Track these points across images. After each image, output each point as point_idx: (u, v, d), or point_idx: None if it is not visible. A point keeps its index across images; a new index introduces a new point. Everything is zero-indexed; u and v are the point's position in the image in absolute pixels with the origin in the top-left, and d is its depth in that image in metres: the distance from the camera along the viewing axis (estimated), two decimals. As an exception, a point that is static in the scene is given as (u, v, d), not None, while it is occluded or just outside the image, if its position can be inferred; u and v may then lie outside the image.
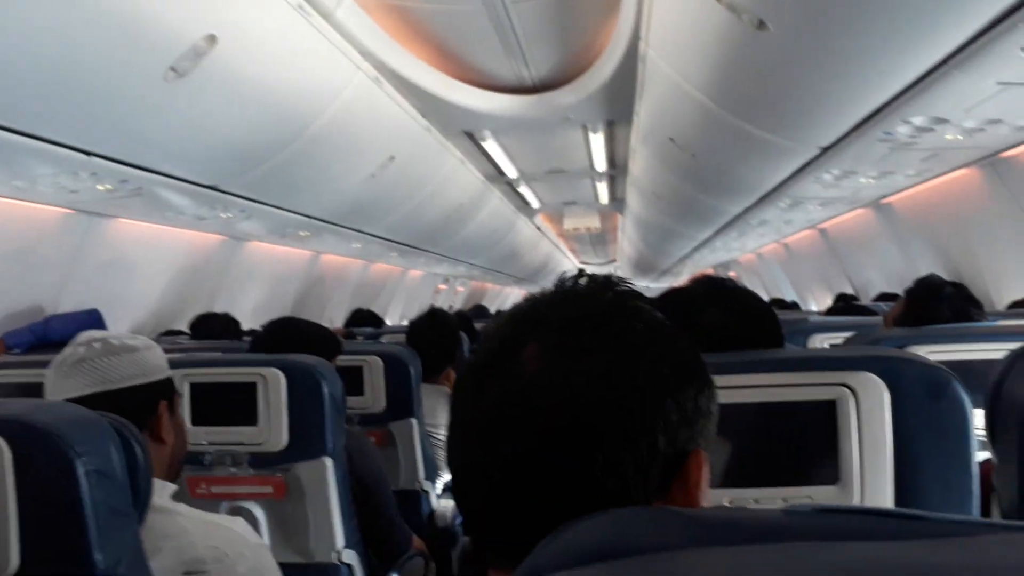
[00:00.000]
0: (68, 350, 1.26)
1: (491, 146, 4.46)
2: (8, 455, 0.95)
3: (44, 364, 1.59)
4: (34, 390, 1.65)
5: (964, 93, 1.80)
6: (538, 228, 8.48)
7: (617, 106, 3.57)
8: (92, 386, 1.22)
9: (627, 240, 8.92)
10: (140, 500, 1.10)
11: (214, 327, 2.97)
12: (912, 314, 1.81)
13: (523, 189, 6.13)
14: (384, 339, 3.28)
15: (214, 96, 2.16)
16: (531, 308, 0.56)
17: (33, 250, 2.86)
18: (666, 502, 0.50)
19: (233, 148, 2.57)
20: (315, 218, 3.87)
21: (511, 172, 5.33)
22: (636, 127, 3.64)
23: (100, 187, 2.52)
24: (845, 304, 3.39)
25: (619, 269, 13.12)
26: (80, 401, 1.19)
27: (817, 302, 5.69)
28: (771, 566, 0.27)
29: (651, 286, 12.54)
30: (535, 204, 6.90)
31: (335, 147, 2.96)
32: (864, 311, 2.89)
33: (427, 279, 8.61)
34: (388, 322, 6.28)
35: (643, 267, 10.81)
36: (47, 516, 0.98)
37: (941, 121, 2.04)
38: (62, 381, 1.23)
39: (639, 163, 4.41)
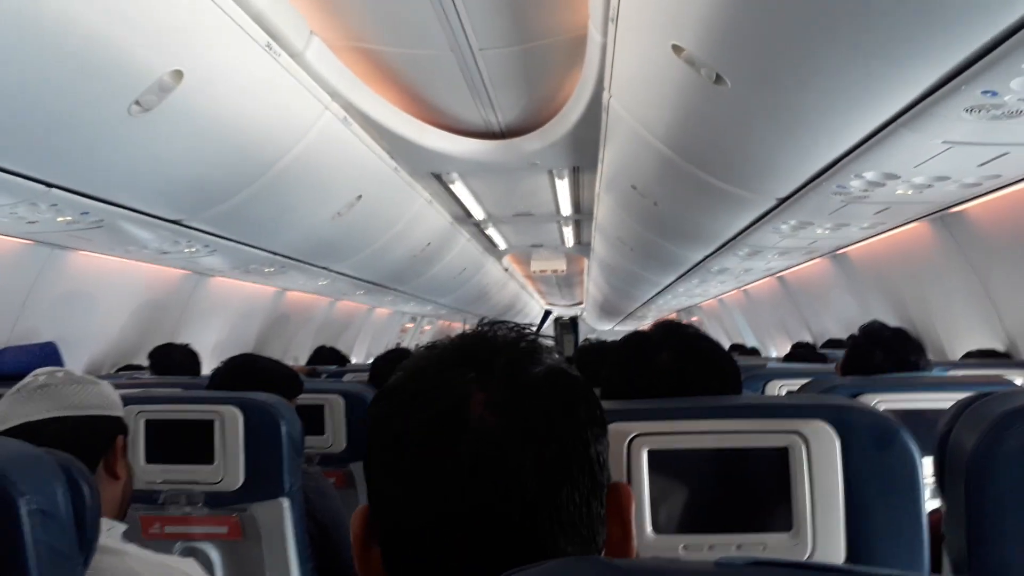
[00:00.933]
0: (28, 379, 1.25)
1: (459, 188, 4.50)
2: (-51, 493, 0.92)
3: (-7, 397, 1.56)
4: (-20, 425, 1.60)
5: (912, 150, 1.87)
6: (506, 269, 8.52)
7: (582, 153, 3.65)
8: (53, 410, 1.20)
9: (593, 283, 9.00)
10: (87, 541, 1.08)
11: (174, 357, 2.92)
12: (853, 361, 1.85)
13: (491, 231, 6.17)
14: (348, 377, 3.25)
15: (179, 131, 2.16)
16: (467, 355, 0.56)
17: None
18: (607, 537, 0.54)
19: (198, 183, 2.56)
20: (280, 254, 3.86)
21: (479, 214, 5.37)
22: (600, 174, 3.72)
23: (60, 219, 2.49)
24: (804, 350, 3.46)
25: (585, 311, 13.19)
26: (37, 424, 1.17)
27: (777, 348, 5.79)
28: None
29: (616, 329, 12.62)
30: (503, 246, 6.95)
31: (302, 185, 2.96)
32: (822, 358, 2.95)
33: (393, 317, 8.57)
34: (354, 360, 6.24)
35: (608, 310, 10.90)
36: (-12, 557, 0.95)
37: (892, 176, 2.12)
38: (19, 406, 1.21)
39: (604, 209, 4.48)
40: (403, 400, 0.55)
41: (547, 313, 14.65)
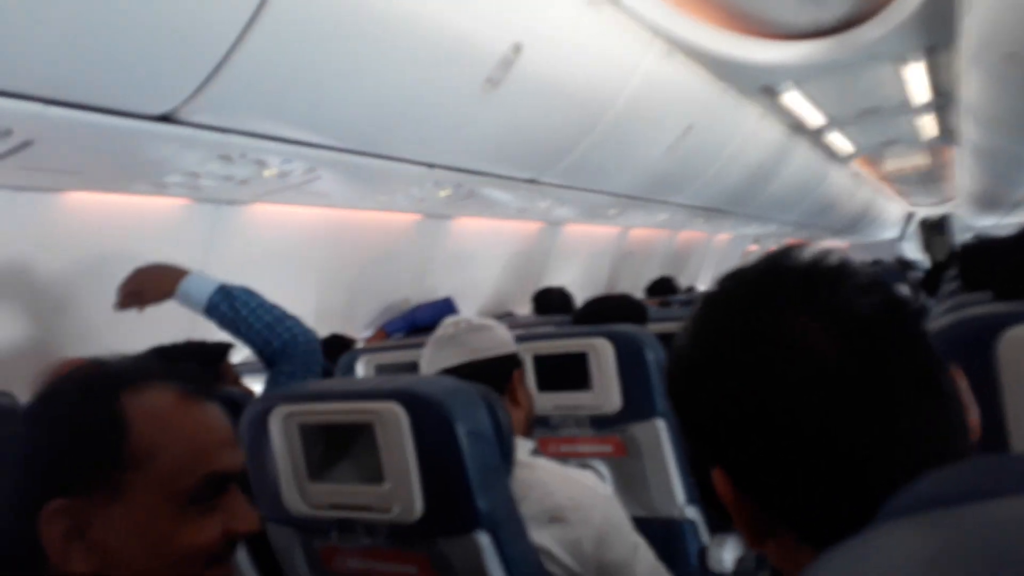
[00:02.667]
0: (440, 330, 1.52)
1: (792, 98, 4.22)
2: (407, 421, 1.19)
3: (416, 346, 1.92)
4: (411, 368, 1.99)
5: None
6: (854, 175, 7.78)
7: (934, 30, 3.17)
8: (461, 356, 1.45)
9: (967, 174, 7.79)
10: (506, 456, 1.30)
11: (552, 298, 3.35)
12: None
13: (832, 136, 5.68)
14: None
15: (525, 99, 2.39)
16: (793, 280, 0.54)
17: (396, 252, 3.40)
18: None
19: (545, 143, 2.81)
20: (621, 195, 4.03)
21: (816, 120, 4.97)
22: (962, 49, 3.20)
23: (441, 193, 2.92)
24: None
25: (958, 207, 11.47)
26: (452, 370, 1.44)
27: None
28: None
29: (1003, 223, 10.78)
30: (847, 150, 6.36)
31: (634, 125, 3.07)
32: None
33: (735, 241, 8.38)
34: (701, 287, 6.30)
35: (988, 203, 9.33)
36: (437, 471, 1.21)
37: None
38: (438, 353, 1.48)
39: (971, 88, 3.85)
40: (737, 339, 0.54)
41: (910, 215, 13.05)
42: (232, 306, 1.67)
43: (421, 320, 3.09)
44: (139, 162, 1.83)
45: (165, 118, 1.56)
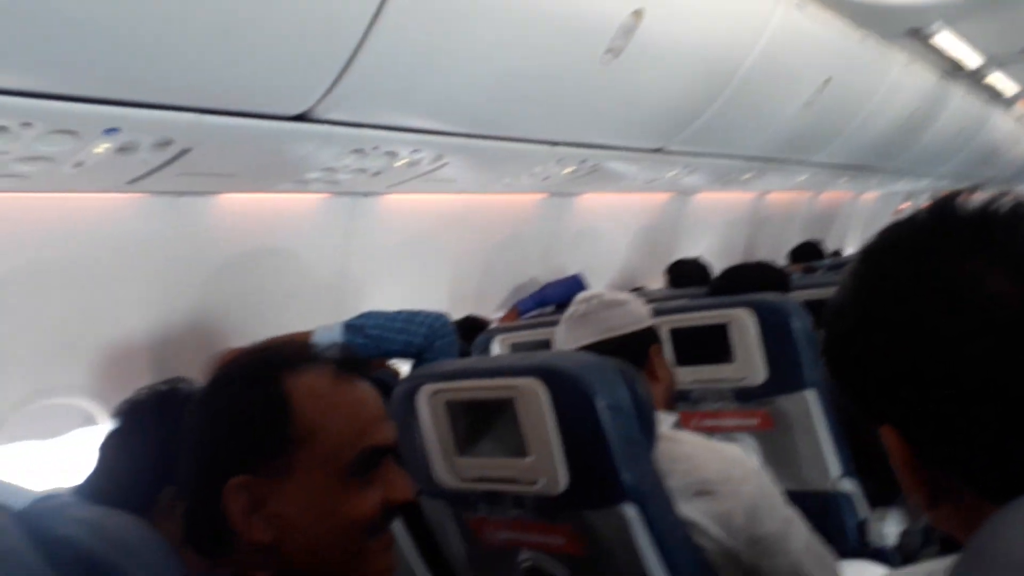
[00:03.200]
0: (572, 308, 1.52)
1: (944, 38, 3.87)
2: (547, 396, 1.21)
3: (549, 324, 1.93)
4: (544, 346, 2.01)
5: None
6: (1020, 118, 7.06)
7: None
8: (596, 335, 1.45)
9: None
10: (647, 429, 1.29)
11: (687, 270, 3.27)
12: None
13: (993, 77, 5.16)
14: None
15: (647, 66, 2.32)
16: (965, 224, 0.51)
17: (523, 233, 3.44)
18: None
19: (670, 110, 2.73)
20: (755, 158, 3.87)
21: (973, 61, 4.54)
22: None
23: (564, 170, 2.91)
24: None
25: None
26: (588, 348, 1.44)
27: None
28: None
29: None
30: (1011, 91, 5.76)
31: (766, 84, 2.92)
32: None
33: (884, 199, 7.84)
34: (850, 251, 5.94)
35: None
36: (579, 444, 1.21)
37: None
38: (571, 332, 1.49)
39: None
40: (910, 289, 0.52)
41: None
42: (364, 335, 1.81)
43: (551, 298, 3.12)
44: (281, 161, 1.94)
45: (301, 117, 1.64)
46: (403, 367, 2.14)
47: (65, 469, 2.03)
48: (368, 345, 1.81)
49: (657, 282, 4.06)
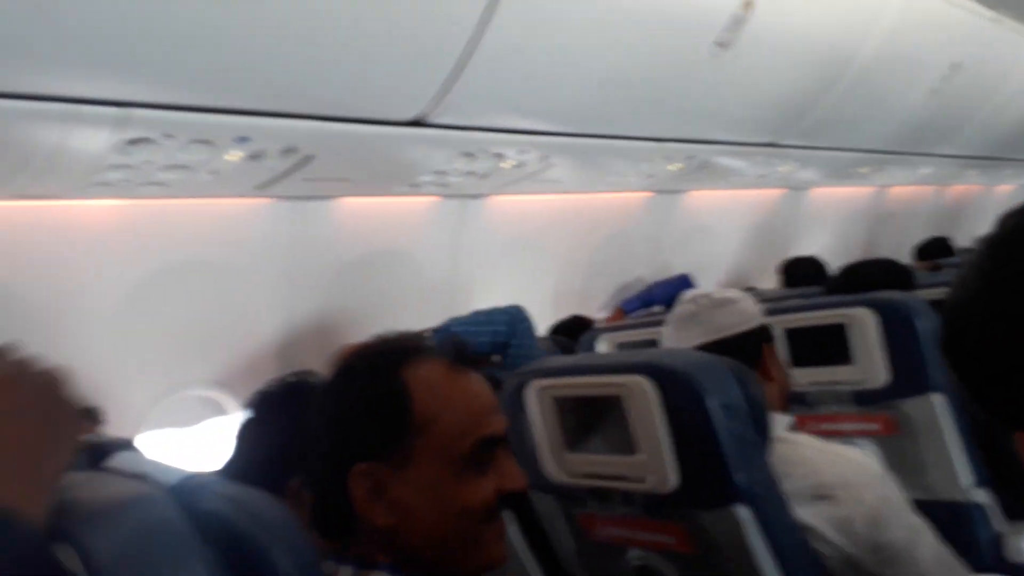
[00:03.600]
0: (679, 308, 1.49)
1: (1089, 14, 3.56)
2: (656, 394, 1.20)
3: (655, 323, 1.92)
4: (650, 345, 1.99)
5: None
6: None
7: None
8: (704, 335, 1.42)
9: None
10: (761, 430, 1.26)
11: (802, 268, 3.17)
12: None
13: None
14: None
15: (758, 58, 2.26)
16: None
17: (628, 232, 3.41)
18: None
19: (783, 102, 2.65)
20: (874, 151, 3.68)
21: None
22: None
23: (671, 167, 2.87)
24: None
25: None
26: (697, 350, 1.41)
27: None
28: None
29: None
30: None
31: (885, 71, 2.78)
32: None
33: (1021, 193, 7.28)
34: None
35: None
36: (690, 443, 1.20)
37: None
38: (679, 332, 1.46)
39: None
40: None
41: None
42: (452, 334, 1.93)
43: (657, 298, 3.08)
44: (396, 165, 2.02)
45: (415, 123, 1.71)
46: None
47: (200, 456, 2.19)
48: None
49: (770, 281, 3.93)
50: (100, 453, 0.80)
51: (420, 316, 2.22)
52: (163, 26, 1.15)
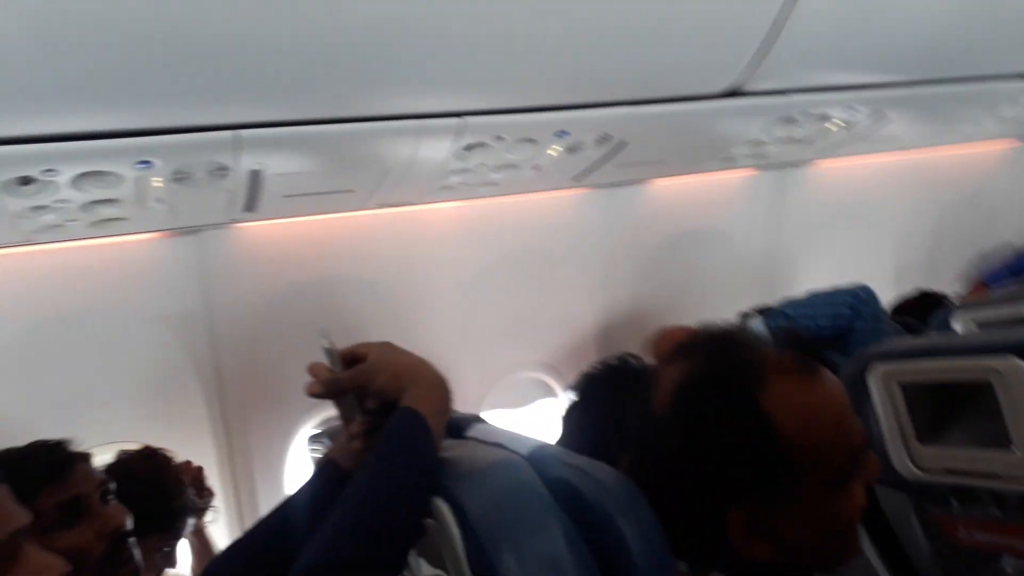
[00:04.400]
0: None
1: None
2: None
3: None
4: (1022, 323, 1.69)
5: None
6: None
7: None
8: None
9: None
10: None
11: None
12: None
13: None
14: None
15: None
16: None
17: (985, 189, 2.95)
18: None
19: None
20: None
21: None
22: None
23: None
24: None
25: None
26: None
27: None
28: None
29: None
30: None
31: None
32: None
33: None
34: None
35: None
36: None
37: None
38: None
39: None
40: None
41: None
42: (787, 318, 1.83)
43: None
44: (708, 141, 1.97)
45: (731, 93, 1.64)
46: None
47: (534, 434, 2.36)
48: (789, 328, 1.79)
49: None
50: (457, 426, 0.90)
51: (736, 295, 2.15)
52: (491, 39, 1.25)
